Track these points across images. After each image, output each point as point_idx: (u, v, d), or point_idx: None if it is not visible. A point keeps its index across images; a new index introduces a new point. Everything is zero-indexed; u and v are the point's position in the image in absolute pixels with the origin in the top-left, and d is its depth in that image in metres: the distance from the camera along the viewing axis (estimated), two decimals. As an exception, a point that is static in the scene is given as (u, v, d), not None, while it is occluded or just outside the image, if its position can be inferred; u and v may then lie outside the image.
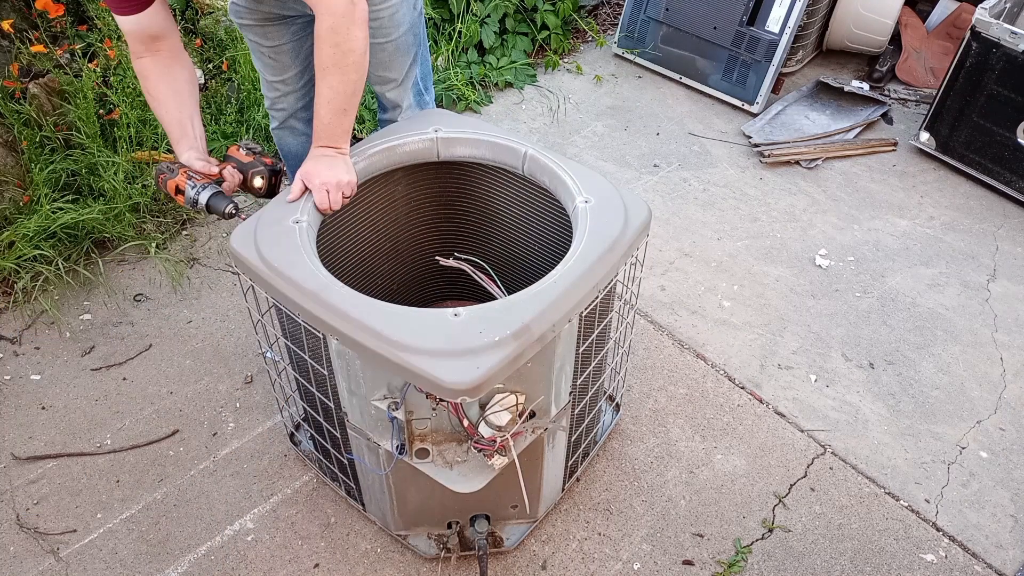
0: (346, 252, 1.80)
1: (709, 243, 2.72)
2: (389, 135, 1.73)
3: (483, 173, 1.82)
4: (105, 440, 2.10)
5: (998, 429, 2.17)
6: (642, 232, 1.57)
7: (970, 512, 1.97)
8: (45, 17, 2.76)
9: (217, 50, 3.10)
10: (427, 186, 1.87)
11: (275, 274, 1.45)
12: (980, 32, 2.76)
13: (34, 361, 2.30)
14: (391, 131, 1.74)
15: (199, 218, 2.76)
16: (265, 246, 1.49)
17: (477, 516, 1.77)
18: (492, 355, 1.30)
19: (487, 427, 1.42)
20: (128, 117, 2.70)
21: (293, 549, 1.88)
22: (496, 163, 1.75)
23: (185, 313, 2.44)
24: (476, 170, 1.82)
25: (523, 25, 3.59)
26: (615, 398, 2.14)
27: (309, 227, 1.54)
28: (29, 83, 2.65)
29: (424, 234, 1.96)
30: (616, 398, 2.14)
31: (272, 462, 2.05)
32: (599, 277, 1.46)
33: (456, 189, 1.88)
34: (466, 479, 1.49)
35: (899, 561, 1.88)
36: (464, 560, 1.84)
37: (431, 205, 1.92)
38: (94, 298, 2.47)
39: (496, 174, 1.80)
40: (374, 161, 1.70)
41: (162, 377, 2.26)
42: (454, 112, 3.26)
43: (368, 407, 1.51)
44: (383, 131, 1.76)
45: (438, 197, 1.90)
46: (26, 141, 2.56)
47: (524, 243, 1.89)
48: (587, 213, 1.54)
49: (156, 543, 1.89)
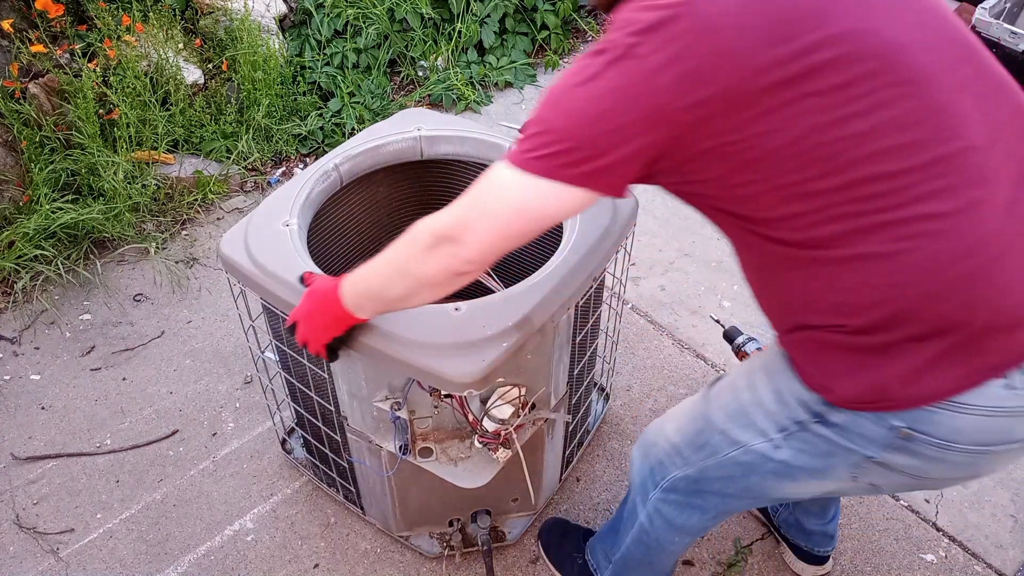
0: (331, 258, 1.80)
1: (709, 243, 2.71)
2: (372, 136, 1.73)
3: (468, 171, 1.82)
4: (105, 440, 2.10)
5: (998, 429, 2.17)
6: (630, 221, 1.59)
7: (970, 512, 1.97)
8: (45, 17, 2.76)
9: (217, 50, 3.10)
10: (409, 187, 1.88)
11: (269, 277, 1.44)
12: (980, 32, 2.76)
13: (34, 361, 2.29)
14: (374, 132, 1.74)
15: (199, 218, 2.77)
16: (256, 250, 1.48)
17: (479, 512, 1.77)
18: (496, 347, 1.31)
19: (490, 421, 1.43)
20: (128, 117, 2.70)
21: (293, 549, 1.88)
22: (481, 160, 1.75)
23: (185, 313, 2.44)
24: (460, 168, 1.82)
25: (523, 25, 3.59)
26: (605, 388, 2.15)
27: (300, 230, 1.54)
28: (29, 83, 2.64)
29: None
30: (606, 388, 2.15)
31: (272, 462, 2.05)
32: (593, 266, 1.48)
33: (440, 188, 1.89)
34: (472, 475, 1.50)
35: (899, 561, 1.88)
36: (467, 557, 1.84)
37: (414, 206, 1.93)
38: (94, 298, 2.47)
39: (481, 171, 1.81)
40: (358, 162, 1.70)
41: (162, 377, 2.25)
42: (452, 113, 3.27)
43: (369, 409, 1.51)
44: (365, 132, 1.76)
45: (421, 197, 1.91)
46: (26, 141, 2.56)
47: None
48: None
49: (156, 543, 1.89)
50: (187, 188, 2.81)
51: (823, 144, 0.93)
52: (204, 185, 2.81)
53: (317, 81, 3.23)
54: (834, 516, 1.75)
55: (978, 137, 0.97)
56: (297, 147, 3.07)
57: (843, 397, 1.06)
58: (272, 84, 3.04)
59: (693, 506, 1.35)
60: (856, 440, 1.08)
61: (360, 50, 3.29)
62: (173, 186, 2.78)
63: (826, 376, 1.07)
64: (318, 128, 3.10)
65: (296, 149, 3.07)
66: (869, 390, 1.03)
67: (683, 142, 0.96)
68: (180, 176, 2.80)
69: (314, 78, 3.23)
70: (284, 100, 3.11)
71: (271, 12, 3.26)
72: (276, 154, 3.05)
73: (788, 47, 0.92)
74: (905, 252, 0.95)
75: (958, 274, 0.95)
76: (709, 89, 0.92)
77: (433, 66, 3.38)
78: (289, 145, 3.06)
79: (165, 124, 2.83)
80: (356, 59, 3.29)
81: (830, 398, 1.07)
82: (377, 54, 3.32)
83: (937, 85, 0.96)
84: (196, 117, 2.95)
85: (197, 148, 2.95)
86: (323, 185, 1.65)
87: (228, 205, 2.84)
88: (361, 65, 3.31)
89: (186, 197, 2.78)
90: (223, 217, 2.79)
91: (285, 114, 3.10)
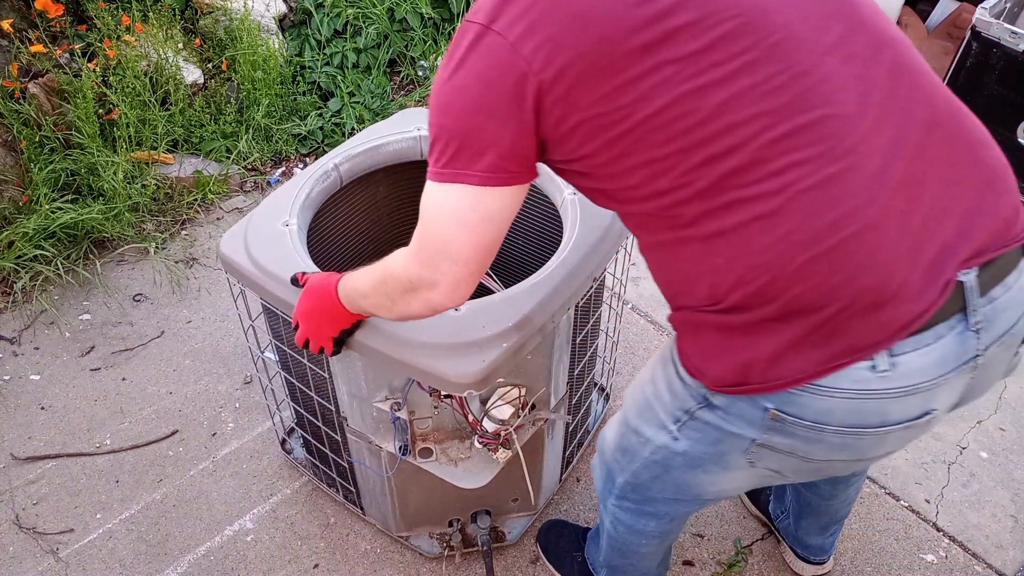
0: (331, 258, 1.80)
1: (709, 243, 2.71)
2: (372, 135, 1.73)
3: None
4: (104, 440, 2.10)
5: (998, 429, 2.17)
6: None
7: (970, 512, 1.97)
8: (45, 17, 2.76)
9: (217, 50, 3.10)
10: (409, 187, 1.88)
11: (268, 277, 1.44)
12: (980, 32, 2.76)
13: (33, 361, 2.29)
14: (373, 131, 1.74)
15: (199, 218, 2.76)
16: (256, 250, 1.48)
17: (479, 512, 1.77)
18: (496, 347, 1.31)
19: (490, 422, 1.43)
20: (127, 117, 2.70)
21: (293, 549, 1.87)
22: None
23: (185, 313, 2.44)
24: None
25: (523, 25, 3.58)
26: (605, 388, 2.15)
27: (300, 230, 1.53)
28: (29, 83, 2.64)
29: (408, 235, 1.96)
30: (606, 388, 2.15)
31: (272, 462, 2.05)
32: (593, 266, 1.47)
33: None
34: (472, 475, 1.50)
35: (899, 561, 1.87)
36: (467, 557, 1.84)
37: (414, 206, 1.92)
38: (94, 298, 2.47)
39: None
40: (358, 162, 1.70)
41: (162, 377, 2.25)
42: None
43: (369, 409, 1.51)
44: (365, 132, 1.76)
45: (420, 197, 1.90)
46: (25, 141, 2.56)
47: (511, 237, 1.89)
48: (576, 204, 1.55)
49: (155, 543, 1.88)
50: (187, 188, 2.81)
51: (684, 116, 0.90)
52: (204, 185, 2.81)
53: (317, 81, 3.23)
54: (834, 532, 1.74)
55: (846, 103, 0.92)
56: (297, 147, 3.07)
57: (714, 379, 1.03)
58: (272, 84, 3.04)
59: (646, 513, 1.34)
60: (737, 423, 1.05)
61: (360, 50, 3.29)
62: (173, 186, 2.78)
63: (701, 358, 1.05)
64: (318, 128, 3.09)
65: (296, 149, 3.07)
66: (734, 372, 1.00)
67: (554, 115, 0.94)
68: (180, 176, 2.80)
69: (314, 78, 3.23)
70: (284, 100, 3.11)
71: (271, 12, 3.25)
72: (276, 154, 3.05)
73: (646, 10, 0.89)
74: (763, 230, 0.91)
75: (817, 253, 0.91)
76: (570, 54, 0.90)
77: (433, 66, 3.37)
78: (289, 145, 3.05)
79: (165, 124, 2.83)
80: (356, 59, 3.28)
81: (704, 381, 1.05)
82: (377, 54, 3.32)
83: (802, 47, 0.91)
84: (196, 117, 2.95)
85: (197, 148, 2.95)
86: (323, 185, 1.65)
87: (228, 205, 2.84)
88: (361, 65, 3.31)
89: (186, 197, 2.78)
90: (223, 217, 2.79)
91: (285, 114, 3.10)
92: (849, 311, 0.93)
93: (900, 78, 0.96)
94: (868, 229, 0.91)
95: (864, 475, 1.59)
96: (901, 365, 0.96)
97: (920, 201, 0.94)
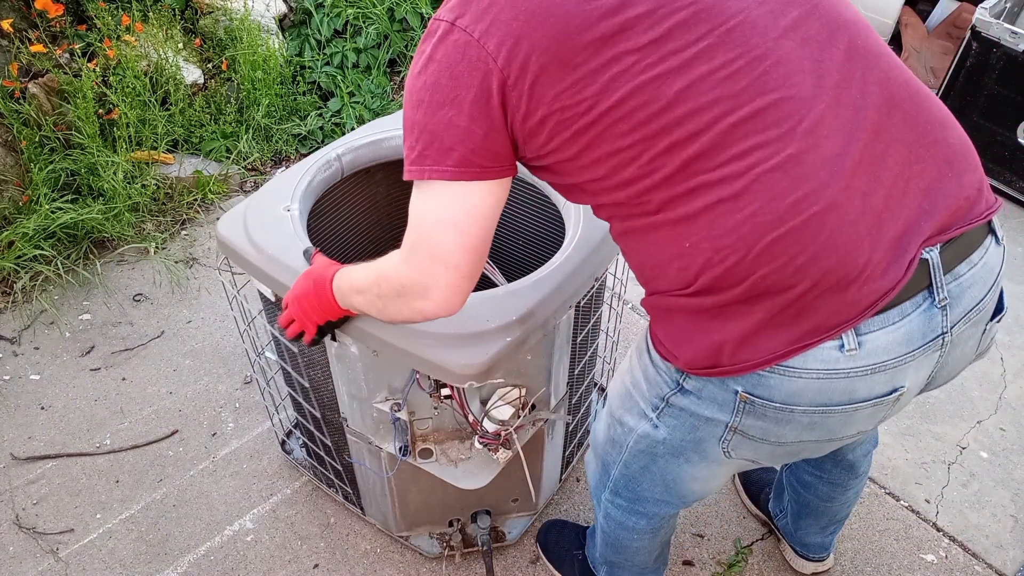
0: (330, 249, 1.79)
1: (709, 243, 2.71)
2: (375, 129, 1.72)
3: None
4: (104, 440, 2.10)
5: (998, 429, 2.17)
6: None
7: (970, 512, 1.97)
8: (45, 17, 2.76)
9: (217, 50, 3.10)
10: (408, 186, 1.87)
11: (268, 260, 1.42)
12: (980, 32, 2.76)
13: (33, 361, 2.29)
14: (376, 126, 1.74)
15: (199, 218, 2.76)
16: (256, 232, 1.46)
17: (479, 512, 1.77)
18: (499, 340, 1.30)
19: (490, 422, 1.43)
20: (127, 117, 2.70)
21: (293, 549, 1.87)
22: None
23: (184, 313, 2.44)
24: None
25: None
26: (605, 388, 2.15)
27: (301, 215, 1.52)
28: (29, 83, 2.64)
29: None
30: (606, 388, 2.15)
31: (272, 462, 2.05)
32: (595, 266, 1.47)
33: None
34: (472, 476, 1.49)
35: (899, 561, 1.87)
36: (467, 557, 1.84)
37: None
38: (94, 298, 2.47)
39: None
40: (360, 154, 1.69)
41: (161, 377, 2.25)
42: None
43: (369, 410, 1.51)
44: (369, 125, 1.75)
45: None
46: (25, 141, 2.56)
47: (511, 236, 1.89)
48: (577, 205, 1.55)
49: (155, 543, 1.89)
50: (187, 188, 2.81)
51: (645, 104, 0.92)
52: (204, 185, 2.81)
53: (317, 81, 3.23)
54: (834, 531, 1.74)
55: (802, 86, 0.93)
56: (297, 147, 3.07)
57: (686, 362, 1.05)
58: (272, 84, 3.04)
59: (636, 511, 1.35)
60: (709, 407, 1.07)
61: (360, 50, 3.29)
62: (173, 186, 2.78)
63: (673, 342, 1.06)
64: (318, 128, 3.10)
65: (296, 149, 3.07)
66: (705, 355, 1.02)
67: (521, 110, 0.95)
68: (180, 176, 2.80)
69: (314, 78, 3.23)
70: (284, 100, 3.11)
71: (271, 12, 3.25)
72: (276, 154, 3.05)
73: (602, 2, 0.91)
74: (728, 212, 0.93)
75: (780, 234, 0.92)
76: (530, 48, 0.91)
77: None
78: (289, 145, 3.06)
79: (165, 124, 2.83)
80: (356, 59, 3.28)
81: (677, 364, 1.06)
82: (377, 54, 3.32)
83: (757, 31, 0.93)
84: (196, 117, 2.95)
85: (197, 148, 2.95)
86: (325, 174, 1.64)
87: (228, 205, 2.83)
88: (361, 65, 3.31)
89: (186, 197, 2.78)
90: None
91: (285, 114, 3.10)
92: (815, 291, 0.94)
93: (855, 61, 0.97)
94: (830, 209, 0.92)
95: (865, 477, 1.59)
96: (868, 343, 0.97)
97: (880, 181, 0.95)
